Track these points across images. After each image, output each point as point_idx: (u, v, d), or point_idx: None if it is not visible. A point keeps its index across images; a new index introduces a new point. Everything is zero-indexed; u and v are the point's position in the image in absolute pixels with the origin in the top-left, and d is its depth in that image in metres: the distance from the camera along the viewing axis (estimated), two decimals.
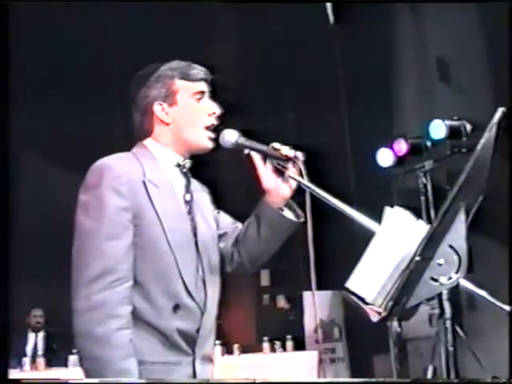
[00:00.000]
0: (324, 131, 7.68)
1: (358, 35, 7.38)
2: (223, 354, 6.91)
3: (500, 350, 6.68)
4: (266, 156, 2.03)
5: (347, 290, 1.67)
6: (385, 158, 7.22)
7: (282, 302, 8.59)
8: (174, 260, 1.91)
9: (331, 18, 7.59)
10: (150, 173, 1.96)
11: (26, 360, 6.09)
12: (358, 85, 7.55)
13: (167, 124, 2.03)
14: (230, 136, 2.04)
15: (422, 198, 6.96)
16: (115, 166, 1.91)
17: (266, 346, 7.18)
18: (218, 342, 6.84)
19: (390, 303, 1.46)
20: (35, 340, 6.84)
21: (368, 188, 7.68)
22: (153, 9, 6.90)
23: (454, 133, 6.46)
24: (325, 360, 7.61)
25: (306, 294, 7.69)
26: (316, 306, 8.32)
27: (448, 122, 6.46)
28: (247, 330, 7.82)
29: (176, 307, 1.91)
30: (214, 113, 2.07)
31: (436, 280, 1.46)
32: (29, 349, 6.86)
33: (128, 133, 2.14)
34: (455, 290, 7.34)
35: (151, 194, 1.91)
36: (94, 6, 6.84)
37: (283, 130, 8.01)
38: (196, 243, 2.02)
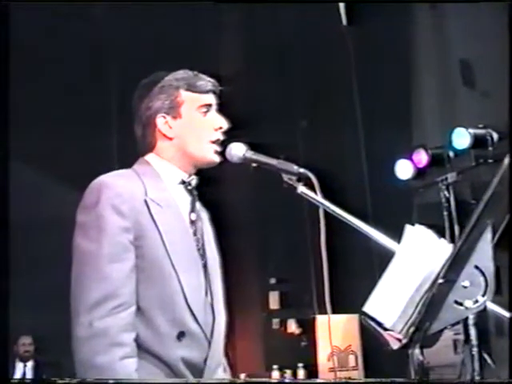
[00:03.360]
0: (338, 142, 7.70)
1: (373, 36, 7.41)
2: None
3: None
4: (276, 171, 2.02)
5: (364, 314, 1.67)
6: (404, 169, 7.23)
7: (292, 326, 8.57)
8: (179, 284, 1.91)
9: (344, 19, 7.63)
10: (153, 191, 1.95)
11: None
12: (373, 91, 7.57)
13: (170, 138, 2.03)
14: (238, 150, 2.03)
15: (445, 213, 6.94)
16: (115, 184, 1.90)
17: (275, 374, 7.17)
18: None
19: (412, 329, 1.47)
20: (23, 370, 6.80)
21: (386, 202, 7.68)
22: (153, 15, 6.98)
23: (478, 142, 6.45)
24: None
25: (320, 319, 7.67)
26: (330, 331, 8.25)
27: (472, 131, 6.46)
28: (255, 358, 7.79)
29: (180, 335, 1.91)
30: (221, 127, 2.07)
31: (461, 304, 1.47)
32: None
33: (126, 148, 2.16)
34: (482, 314, 7.35)
35: (154, 214, 1.91)
36: (93, 20, 6.96)
37: (294, 141, 8.03)
38: (204, 266, 2.02)
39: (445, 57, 7.25)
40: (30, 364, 6.84)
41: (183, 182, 2.05)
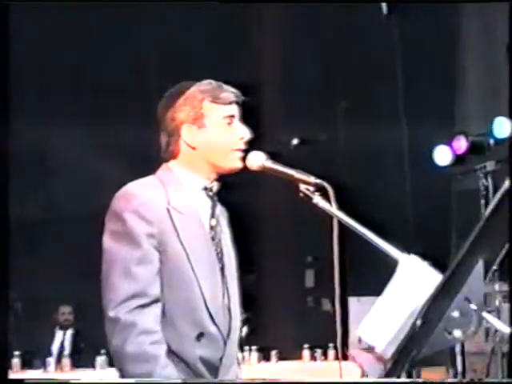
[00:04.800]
0: (380, 127, 7.69)
1: (414, 24, 7.35)
2: (260, 361, 7.02)
3: None
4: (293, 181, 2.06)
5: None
6: (443, 156, 7.21)
7: (327, 305, 8.62)
8: (199, 288, 2.03)
9: (385, 9, 7.57)
10: (175, 200, 2.05)
11: (51, 360, 6.17)
12: (416, 77, 7.53)
13: (194, 148, 2.11)
14: (257, 159, 2.09)
15: (483, 201, 6.91)
16: (140, 193, 2.02)
17: (306, 353, 7.26)
18: (254, 347, 6.97)
19: (401, 354, 1.53)
20: (62, 338, 7.00)
21: (424, 188, 7.68)
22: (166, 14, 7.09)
23: None
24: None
25: (352, 300, 7.74)
26: (362, 312, 8.31)
27: None
28: (287, 335, 7.90)
29: (200, 335, 2.02)
30: (243, 137, 2.14)
31: (450, 333, 1.52)
32: (55, 347, 7.02)
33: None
34: None
35: (175, 222, 2.02)
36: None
37: (335, 124, 8.05)
38: (221, 269, 2.12)
39: (490, 43, 7.17)
40: (69, 332, 7.04)
41: (205, 189, 2.13)
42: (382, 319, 1.63)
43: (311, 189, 2.05)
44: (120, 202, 2.05)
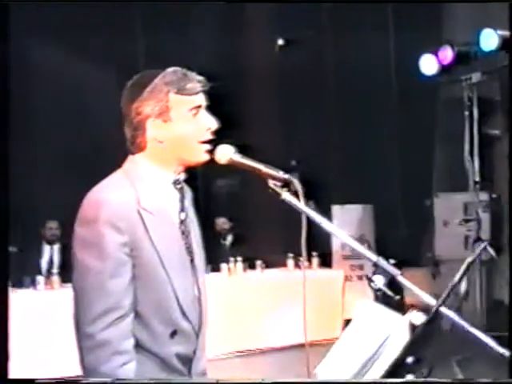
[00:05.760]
0: (366, 34, 7.55)
1: None
2: (245, 270, 7.19)
3: None
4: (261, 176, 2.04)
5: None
6: (429, 65, 7.12)
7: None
8: (172, 288, 2.04)
9: None
10: (144, 199, 2.02)
11: (41, 279, 6.30)
12: None
13: (161, 142, 2.05)
14: (225, 152, 2.06)
15: (466, 112, 6.91)
16: (111, 200, 1.97)
17: (290, 262, 7.43)
18: (239, 258, 7.12)
19: None
20: (50, 253, 7.12)
21: (411, 96, 7.65)
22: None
23: (506, 44, 6.32)
24: (352, 277, 7.87)
25: (335, 208, 7.85)
26: (344, 220, 8.50)
27: (501, 33, 6.30)
28: (272, 245, 8.04)
29: (173, 333, 2.07)
30: (210, 128, 2.12)
31: (403, 377, 1.61)
32: (44, 262, 7.11)
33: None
34: (496, 211, 7.49)
35: (147, 224, 2.00)
36: None
37: (322, 30, 7.89)
38: (191, 261, 2.14)
39: None
40: (56, 247, 7.13)
41: (174, 183, 2.11)
42: (339, 361, 1.69)
43: (279, 184, 2.04)
44: (91, 210, 1.99)
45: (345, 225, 8.13)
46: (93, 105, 7.69)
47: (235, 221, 7.96)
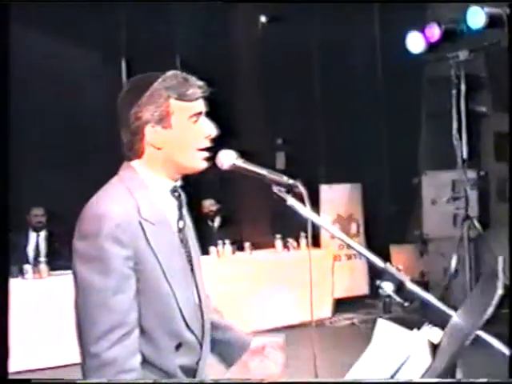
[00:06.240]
0: (352, 11, 7.46)
1: None
2: (234, 252, 7.17)
3: None
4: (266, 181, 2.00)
5: None
6: (415, 43, 7.08)
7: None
8: (175, 300, 1.98)
9: None
10: (145, 209, 1.95)
11: (28, 268, 6.18)
12: None
13: (159, 148, 1.99)
14: (227, 158, 2.01)
15: (454, 91, 6.88)
16: (113, 213, 1.89)
17: (278, 243, 7.42)
18: (228, 241, 7.10)
19: None
20: (36, 240, 7.04)
21: (396, 75, 7.60)
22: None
23: (493, 22, 6.28)
24: (340, 257, 7.88)
25: (323, 188, 7.83)
26: (333, 199, 8.46)
27: (488, 10, 6.26)
28: (259, 227, 8.02)
29: (178, 345, 2.02)
30: (210, 135, 2.06)
31: None
32: (30, 250, 7.05)
33: None
34: (482, 188, 7.50)
35: (149, 236, 1.93)
36: None
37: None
38: (192, 269, 2.09)
39: None
40: (42, 234, 7.02)
41: (172, 191, 2.06)
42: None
43: (283, 190, 2.00)
44: (91, 223, 1.90)
45: (333, 204, 8.15)
46: (79, 91, 7.58)
47: (223, 203, 7.93)
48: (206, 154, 2.02)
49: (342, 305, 7.60)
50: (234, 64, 8.50)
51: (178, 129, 2.00)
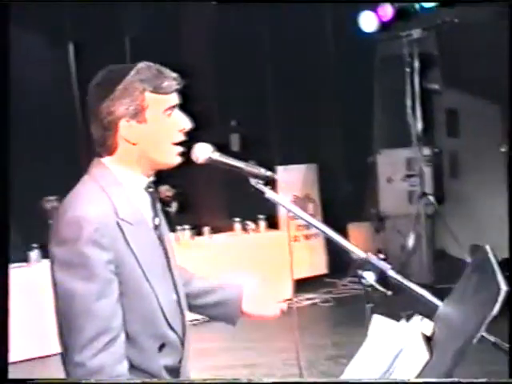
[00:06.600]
0: None
1: None
2: (193, 237, 7.13)
3: (480, 215, 7.07)
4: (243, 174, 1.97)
5: None
6: (368, 22, 7.11)
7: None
8: (156, 300, 1.94)
9: None
10: (121, 209, 1.89)
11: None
12: None
13: (134, 144, 1.93)
14: (203, 151, 1.99)
15: (408, 69, 6.93)
16: (91, 216, 1.82)
17: (237, 226, 7.40)
18: (187, 226, 7.04)
19: None
20: None
21: (349, 54, 7.61)
22: None
23: (446, 1, 6.34)
24: (298, 237, 7.90)
25: (279, 169, 7.82)
26: (289, 180, 8.45)
27: None
28: (217, 210, 7.97)
29: (161, 346, 1.98)
30: (184, 129, 2.01)
31: None
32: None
33: None
34: (437, 165, 7.61)
35: (127, 236, 1.88)
36: None
37: None
38: (169, 266, 2.05)
39: None
40: None
41: (145, 187, 2.00)
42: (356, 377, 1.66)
43: (262, 182, 1.98)
44: (70, 229, 1.84)
45: (289, 185, 8.13)
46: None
47: (178, 187, 7.84)
48: (181, 149, 1.97)
49: (301, 285, 7.63)
50: (185, 45, 8.39)
51: (153, 123, 1.94)
